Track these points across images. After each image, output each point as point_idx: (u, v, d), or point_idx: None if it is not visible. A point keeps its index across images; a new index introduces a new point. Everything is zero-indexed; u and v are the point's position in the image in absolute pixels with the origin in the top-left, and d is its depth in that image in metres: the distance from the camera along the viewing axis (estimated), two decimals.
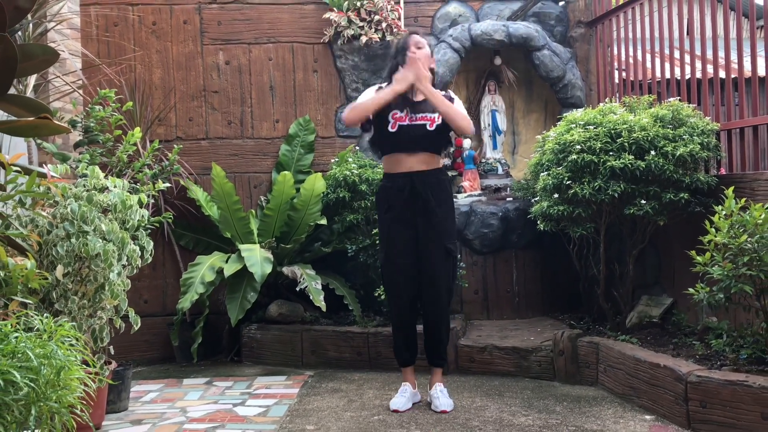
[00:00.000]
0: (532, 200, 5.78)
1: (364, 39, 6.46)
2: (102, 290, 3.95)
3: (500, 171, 6.88)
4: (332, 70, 6.77)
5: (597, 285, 5.58)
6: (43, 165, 4.74)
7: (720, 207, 4.15)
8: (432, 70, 4.68)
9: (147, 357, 6.31)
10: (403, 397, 4.60)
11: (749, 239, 3.97)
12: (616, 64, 6.69)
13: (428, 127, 4.61)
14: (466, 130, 4.61)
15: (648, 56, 6.27)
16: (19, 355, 2.47)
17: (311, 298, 5.69)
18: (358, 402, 4.80)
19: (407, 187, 4.58)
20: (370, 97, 4.67)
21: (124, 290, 4.11)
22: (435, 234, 4.59)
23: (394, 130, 4.60)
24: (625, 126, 5.05)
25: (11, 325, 2.59)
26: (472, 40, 6.70)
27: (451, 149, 5.10)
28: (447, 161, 6.84)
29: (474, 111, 7.00)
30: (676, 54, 5.92)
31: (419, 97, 4.64)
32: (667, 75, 6.03)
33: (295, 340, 5.94)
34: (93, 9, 6.48)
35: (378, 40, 6.47)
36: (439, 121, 4.60)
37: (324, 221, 6.26)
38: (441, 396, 4.55)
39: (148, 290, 6.50)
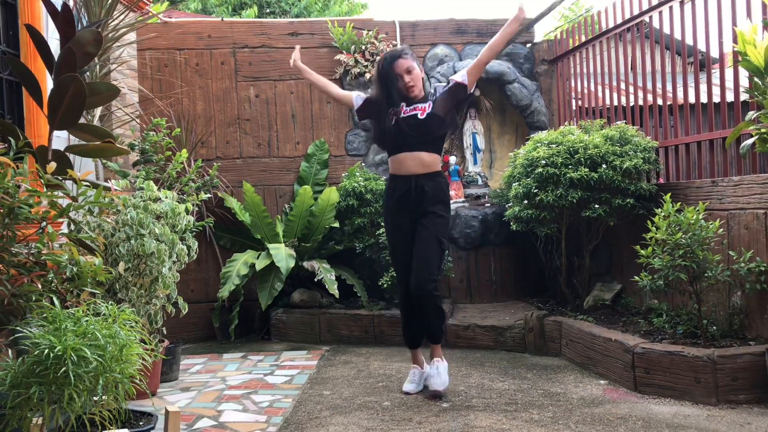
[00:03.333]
0: (506, 206, 5.78)
1: (368, 75, 6.47)
2: (156, 282, 3.95)
3: (480, 182, 6.87)
4: None
5: (559, 274, 5.58)
6: (108, 180, 4.74)
7: (660, 210, 4.14)
8: (422, 79, 4.25)
9: (193, 336, 6.30)
10: (413, 383, 4.23)
11: (684, 236, 3.97)
12: (573, 94, 6.68)
13: (419, 116, 4.09)
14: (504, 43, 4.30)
15: (600, 87, 6.27)
16: (89, 335, 2.46)
17: (327, 287, 5.69)
18: (366, 371, 4.79)
19: (409, 190, 4.13)
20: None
21: (174, 282, 4.10)
22: (430, 226, 4.11)
23: (392, 123, 4.12)
24: (581, 144, 5.04)
25: (83, 311, 2.59)
26: None
27: (452, 131, 4.48)
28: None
29: (458, 133, 7.00)
30: (623, 85, 5.92)
31: (413, 94, 4.15)
32: (615, 102, 6.02)
33: (313, 321, 5.93)
34: (147, 53, 6.49)
35: None
36: (429, 109, 4.10)
37: (337, 224, 6.26)
38: (436, 375, 4.12)
39: (194, 282, 6.49)
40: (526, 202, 5.22)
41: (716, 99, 4.83)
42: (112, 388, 2.52)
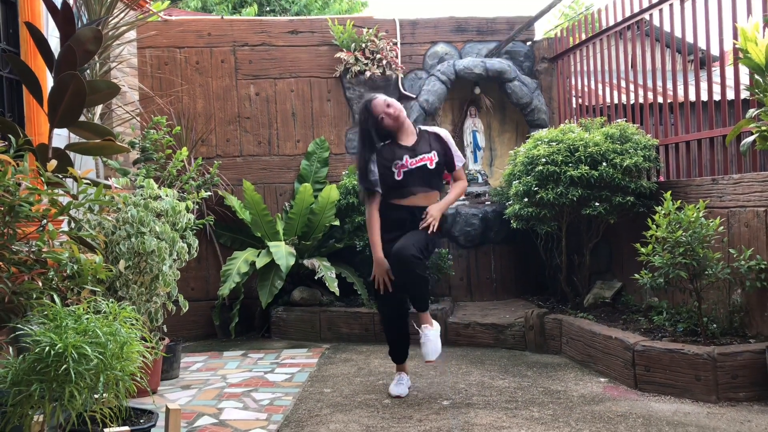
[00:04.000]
0: (507, 204, 5.78)
1: (368, 74, 6.47)
2: (156, 280, 3.95)
3: (480, 180, 6.87)
4: (342, 99, 6.76)
5: (560, 272, 5.58)
6: (108, 178, 4.74)
7: (660, 208, 4.14)
8: (398, 116, 4.15)
9: (193, 334, 6.29)
10: (401, 384, 4.16)
11: (684, 234, 3.97)
12: (573, 92, 6.68)
13: (429, 166, 4.12)
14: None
15: (600, 85, 6.27)
16: (90, 333, 2.46)
17: (327, 284, 5.69)
18: (366, 369, 4.79)
19: (407, 218, 4.11)
20: (373, 233, 4.17)
21: (174, 280, 4.10)
22: (423, 235, 4.01)
23: (400, 178, 4.08)
24: (581, 142, 5.04)
25: (83, 308, 2.59)
26: (456, 73, 6.70)
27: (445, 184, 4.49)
28: None
29: (458, 131, 7.00)
30: (623, 83, 5.92)
31: (411, 142, 4.19)
32: (616, 100, 6.02)
33: (314, 319, 5.93)
34: (148, 51, 6.48)
35: (380, 74, 6.48)
36: (437, 158, 4.15)
37: (337, 222, 6.26)
38: (426, 342, 4.01)
39: (194, 279, 6.49)
40: (526, 200, 5.22)
41: (716, 97, 4.83)
42: (112, 386, 2.52)
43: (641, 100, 5.69)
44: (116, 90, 3.54)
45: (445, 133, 4.33)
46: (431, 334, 4.06)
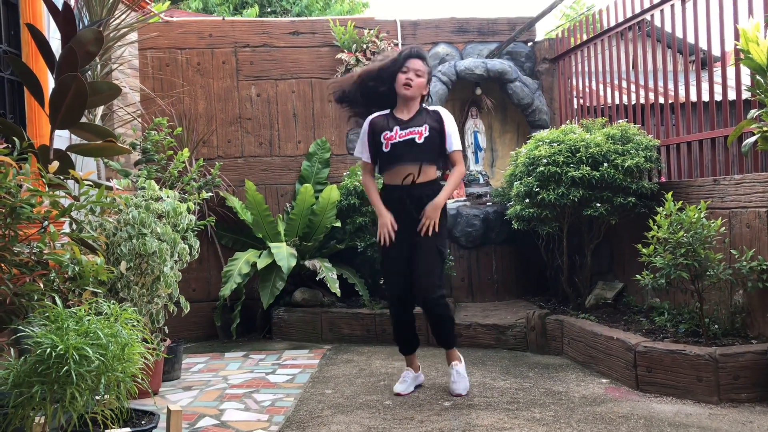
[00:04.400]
0: (508, 204, 5.78)
1: None
2: (158, 281, 3.95)
3: (481, 181, 6.87)
4: None
5: (561, 273, 5.58)
6: (110, 180, 4.75)
7: (661, 208, 4.14)
8: (422, 97, 4.20)
9: (195, 335, 6.29)
10: (404, 383, 4.17)
11: (685, 234, 3.97)
12: (574, 92, 6.68)
13: (417, 140, 4.06)
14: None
15: (601, 86, 6.26)
16: (91, 335, 2.47)
17: (328, 285, 5.69)
18: (368, 370, 4.79)
19: (404, 199, 4.09)
20: (371, 194, 4.22)
21: (175, 281, 4.10)
22: (428, 237, 4.04)
23: (387, 150, 4.10)
24: (582, 143, 5.04)
25: (84, 310, 2.59)
26: (457, 74, 6.70)
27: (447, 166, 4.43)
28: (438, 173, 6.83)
29: (459, 132, 6.99)
30: (624, 84, 5.92)
31: (406, 116, 4.16)
32: (617, 101, 6.01)
33: (315, 320, 5.93)
34: (149, 52, 6.49)
35: None
36: (427, 133, 4.08)
37: (338, 223, 6.26)
38: (458, 379, 4.09)
39: (196, 281, 6.49)
40: (527, 200, 5.22)
41: (718, 97, 4.82)
42: (114, 387, 2.52)
43: (642, 101, 5.68)
44: (117, 91, 3.55)
45: (445, 112, 4.22)
46: (462, 370, 4.17)
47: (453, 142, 4.20)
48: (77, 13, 4.69)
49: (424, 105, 4.27)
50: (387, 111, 4.25)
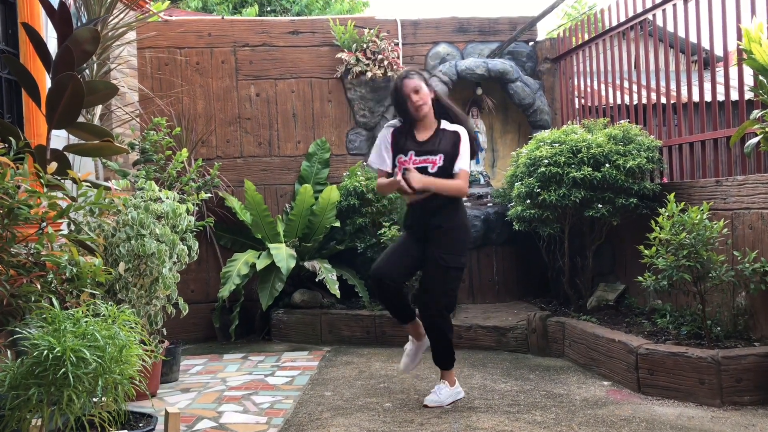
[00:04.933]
0: (509, 205, 5.78)
1: (369, 74, 6.46)
2: (156, 283, 3.95)
3: (482, 181, 6.87)
4: (343, 100, 6.77)
5: (562, 274, 5.57)
6: (108, 180, 4.74)
7: (663, 209, 4.14)
8: (433, 100, 4.03)
9: (193, 337, 6.29)
10: (407, 356, 4.17)
11: (688, 236, 3.97)
12: (576, 92, 6.68)
13: (429, 170, 3.93)
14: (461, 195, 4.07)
15: (603, 86, 6.26)
16: (89, 336, 2.47)
17: (328, 287, 5.69)
18: (367, 372, 4.79)
19: (418, 217, 4.01)
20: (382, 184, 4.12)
21: (174, 282, 4.10)
22: (437, 252, 3.92)
23: (401, 173, 3.90)
24: (584, 143, 5.04)
25: (82, 311, 2.59)
26: (458, 74, 6.70)
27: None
28: None
29: None
30: (626, 84, 5.91)
31: (424, 136, 4.03)
32: (619, 101, 6.01)
33: (315, 321, 5.93)
34: (147, 52, 6.49)
35: (381, 75, 6.47)
36: (441, 162, 3.94)
37: (338, 224, 6.26)
38: (435, 392, 3.97)
39: (194, 282, 6.49)
40: (528, 201, 5.21)
41: (720, 98, 4.83)
42: (111, 390, 2.52)
43: (644, 101, 5.68)
44: (114, 90, 3.54)
45: (463, 134, 4.04)
46: (445, 390, 4.00)
47: (460, 163, 4.00)
48: (75, 12, 4.69)
49: (441, 121, 4.09)
50: (406, 125, 4.10)
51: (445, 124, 4.07)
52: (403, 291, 4.12)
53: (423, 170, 3.94)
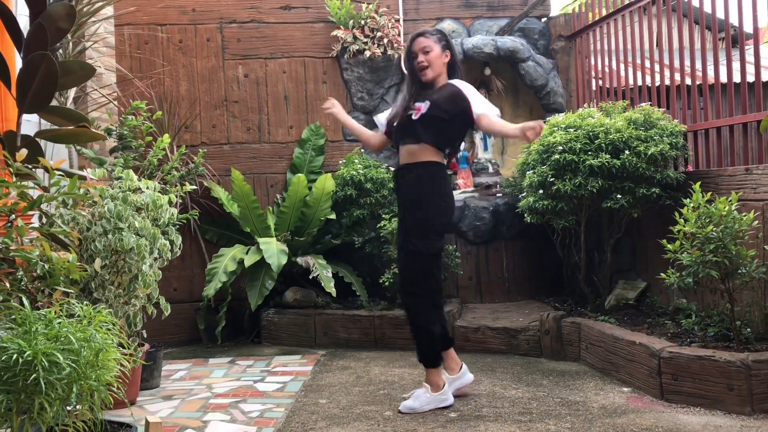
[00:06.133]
0: (520, 196, 5.77)
1: (367, 53, 6.45)
2: (136, 280, 3.94)
3: (491, 170, 6.86)
4: (340, 82, 6.75)
5: (578, 271, 5.57)
6: (83, 169, 4.73)
7: (688, 200, 4.13)
8: (450, 63, 4.19)
9: (176, 339, 6.29)
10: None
11: (715, 229, 3.96)
12: (593, 73, 6.67)
13: (413, 117, 4.07)
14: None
15: (622, 66, 6.25)
16: (62, 339, 2.46)
17: (323, 285, 5.69)
18: (366, 378, 4.79)
19: (398, 180, 4.23)
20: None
21: (155, 280, 4.10)
22: (406, 232, 4.11)
23: (395, 124, 4.23)
24: (602, 128, 5.03)
25: (55, 312, 2.59)
26: (464, 53, 6.68)
27: (460, 146, 4.38)
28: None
29: None
30: (647, 63, 5.90)
31: (425, 76, 4.13)
32: (639, 82, 6.00)
33: (308, 322, 5.93)
34: (126, 29, 6.47)
35: (380, 54, 6.46)
36: (425, 110, 4.03)
37: (333, 216, 6.25)
38: (411, 398, 4.04)
39: (177, 279, 6.49)
40: (541, 191, 5.21)
41: (750, 78, 4.81)
42: (87, 397, 2.51)
43: (667, 82, 5.67)
44: (91, 72, 3.53)
45: (463, 85, 4.15)
46: (423, 396, 4.02)
47: (476, 108, 4.08)
48: None
49: (450, 81, 4.21)
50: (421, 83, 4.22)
51: (454, 81, 4.21)
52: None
53: (408, 118, 4.10)
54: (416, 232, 4.06)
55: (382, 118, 4.46)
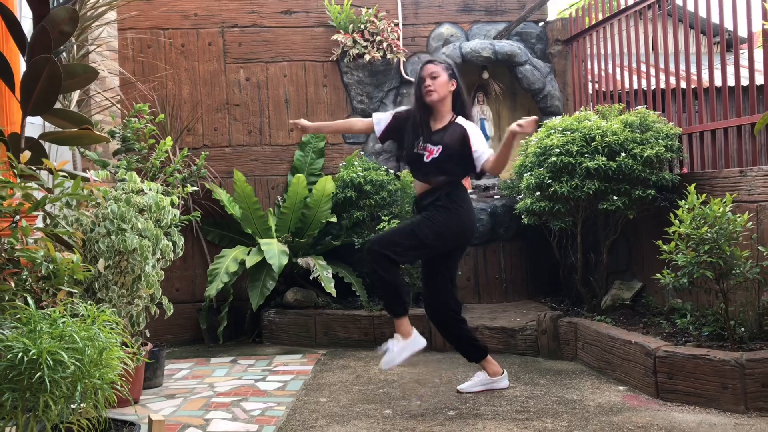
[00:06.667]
0: (517, 198, 5.78)
1: (367, 57, 6.45)
2: (139, 281, 3.94)
3: None
4: (339, 85, 6.75)
5: (575, 271, 5.57)
6: (86, 170, 4.73)
7: (683, 202, 4.13)
8: (454, 92, 4.30)
9: (179, 339, 6.29)
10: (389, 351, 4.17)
11: (709, 230, 3.96)
12: (589, 76, 6.67)
13: (425, 159, 4.21)
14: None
15: (618, 69, 6.26)
16: (67, 338, 2.46)
17: (323, 285, 5.69)
18: (365, 377, 4.79)
19: (414, 208, 4.49)
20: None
21: (158, 280, 4.10)
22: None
23: (407, 158, 4.38)
24: (598, 131, 5.03)
25: (59, 311, 2.59)
26: (462, 57, 6.69)
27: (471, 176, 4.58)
28: None
29: None
30: (643, 67, 5.91)
31: (436, 127, 4.29)
32: (635, 86, 6.01)
33: (309, 322, 5.93)
34: (129, 33, 6.47)
35: (380, 58, 6.46)
36: (437, 154, 4.17)
37: (334, 218, 6.26)
38: (386, 351, 4.12)
39: (180, 280, 6.49)
40: (538, 193, 5.21)
41: (744, 82, 4.82)
42: (91, 395, 2.51)
43: (663, 86, 5.68)
44: (94, 75, 3.53)
45: (470, 128, 4.25)
46: (395, 345, 4.09)
47: (481, 155, 4.20)
48: None
49: (456, 116, 4.32)
50: (425, 111, 4.34)
51: (461, 120, 4.30)
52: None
53: (419, 157, 4.25)
54: (426, 223, 4.20)
55: (381, 116, 4.52)
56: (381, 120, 4.49)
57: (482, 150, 4.19)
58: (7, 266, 2.82)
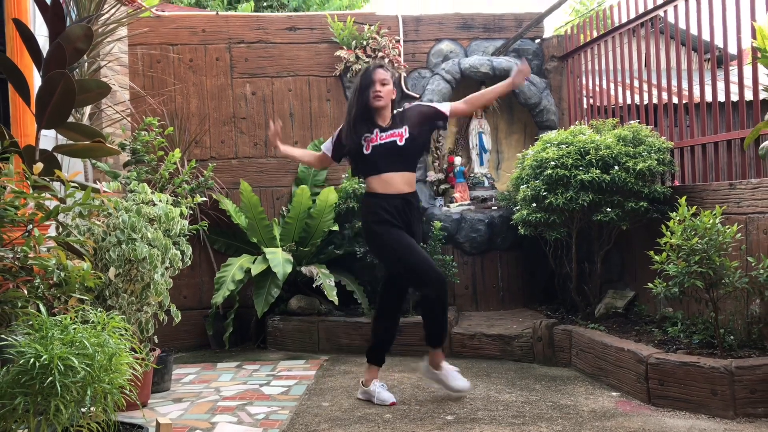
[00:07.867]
0: (514, 209, 5.78)
1: None
2: (148, 288, 3.95)
3: (486, 184, 6.87)
4: (342, 99, 6.77)
5: (569, 281, 5.58)
6: (97, 181, 4.74)
7: (674, 213, 4.14)
8: (392, 101, 4.40)
9: (186, 345, 6.29)
10: (388, 391, 4.36)
11: (700, 241, 3.97)
12: (584, 92, 6.69)
13: (398, 143, 4.26)
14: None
15: (612, 85, 6.27)
16: (77, 344, 2.47)
17: (326, 293, 5.69)
18: None
19: (402, 207, 4.28)
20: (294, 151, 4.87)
21: (166, 288, 4.10)
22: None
23: (368, 152, 4.28)
24: (592, 145, 5.04)
25: (70, 318, 2.59)
26: (461, 72, 6.71)
27: (427, 155, 4.75)
28: (441, 176, 6.85)
29: (463, 133, 7.02)
30: (636, 83, 5.92)
31: (384, 122, 4.35)
32: (629, 101, 6.02)
33: (312, 329, 5.93)
34: (139, 48, 6.50)
35: None
36: (407, 134, 4.27)
37: (336, 228, 6.26)
38: (455, 375, 4.34)
39: (187, 287, 6.49)
40: (534, 205, 5.22)
41: (734, 97, 4.84)
42: (100, 399, 2.52)
43: (655, 101, 5.69)
44: (107, 90, 3.55)
45: (415, 103, 4.44)
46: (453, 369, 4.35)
47: (443, 107, 4.45)
48: (65, 8, 4.70)
49: (395, 112, 4.45)
50: (366, 114, 4.39)
51: (399, 109, 4.52)
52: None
53: (392, 144, 4.28)
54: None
55: (326, 143, 4.63)
56: (327, 144, 4.59)
57: (442, 103, 4.44)
58: (20, 274, 2.83)
